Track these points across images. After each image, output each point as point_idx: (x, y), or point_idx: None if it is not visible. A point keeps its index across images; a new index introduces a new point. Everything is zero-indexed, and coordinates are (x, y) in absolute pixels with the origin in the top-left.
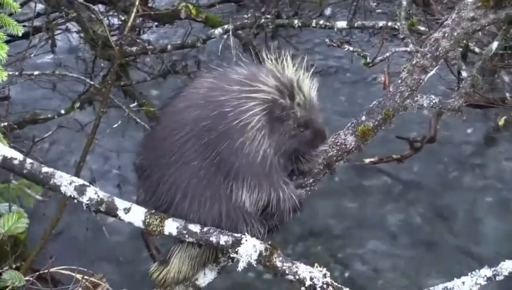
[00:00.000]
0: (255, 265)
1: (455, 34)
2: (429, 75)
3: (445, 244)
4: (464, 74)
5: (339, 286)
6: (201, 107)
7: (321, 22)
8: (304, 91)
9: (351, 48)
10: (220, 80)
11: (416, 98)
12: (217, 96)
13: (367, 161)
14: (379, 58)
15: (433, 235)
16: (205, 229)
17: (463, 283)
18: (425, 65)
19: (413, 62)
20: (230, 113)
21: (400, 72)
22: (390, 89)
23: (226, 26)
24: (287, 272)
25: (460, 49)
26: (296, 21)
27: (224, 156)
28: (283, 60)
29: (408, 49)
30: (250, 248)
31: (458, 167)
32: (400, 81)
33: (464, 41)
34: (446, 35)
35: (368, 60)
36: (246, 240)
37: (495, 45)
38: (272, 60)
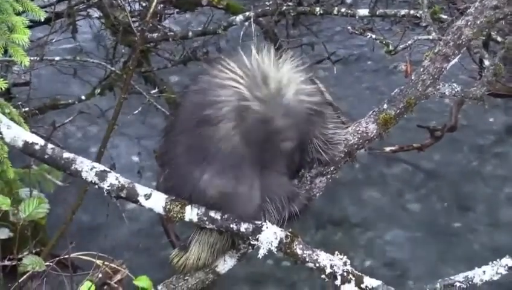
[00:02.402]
0: (275, 252)
1: (478, 22)
2: (451, 63)
3: (466, 234)
4: (486, 62)
5: (359, 274)
6: (196, 92)
7: (343, 9)
8: (270, 85)
9: (374, 36)
10: (217, 69)
11: (438, 87)
12: (205, 83)
13: (387, 149)
14: (401, 46)
15: (453, 224)
16: (226, 216)
17: (484, 272)
18: (448, 53)
19: (436, 50)
20: (205, 101)
21: (422, 61)
22: (412, 77)
23: (247, 13)
24: (307, 259)
25: (483, 38)
26: (317, 9)
27: (203, 139)
28: (268, 52)
29: (430, 37)
30: (270, 235)
31: (479, 156)
32: (422, 69)
33: (487, 29)
34: (469, 23)
35: (390, 47)
36: (267, 227)
37: None
38: (257, 51)
